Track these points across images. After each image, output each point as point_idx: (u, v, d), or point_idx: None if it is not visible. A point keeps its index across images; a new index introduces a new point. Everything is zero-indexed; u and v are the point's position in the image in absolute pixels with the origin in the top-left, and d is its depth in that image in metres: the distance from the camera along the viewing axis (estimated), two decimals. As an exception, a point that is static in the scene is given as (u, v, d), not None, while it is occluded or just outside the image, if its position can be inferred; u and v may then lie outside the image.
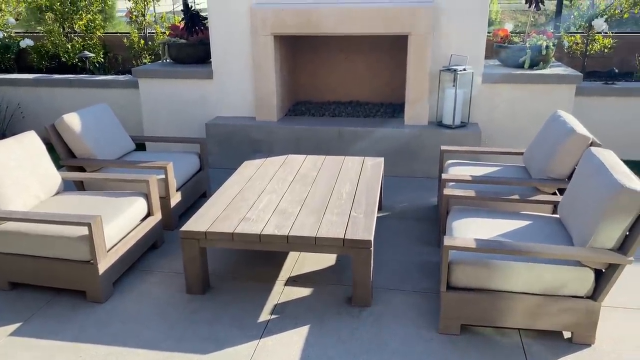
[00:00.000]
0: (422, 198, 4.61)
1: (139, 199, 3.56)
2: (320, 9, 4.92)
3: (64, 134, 3.99)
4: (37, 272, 3.15)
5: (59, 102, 6.34)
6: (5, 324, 2.93)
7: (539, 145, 3.75)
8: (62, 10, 7.02)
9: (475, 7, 4.89)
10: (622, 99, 5.32)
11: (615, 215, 2.47)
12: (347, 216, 3.20)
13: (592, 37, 6.07)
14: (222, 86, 5.51)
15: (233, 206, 3.37)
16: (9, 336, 2.82)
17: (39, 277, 3.16)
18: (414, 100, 5.09)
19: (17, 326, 2.91)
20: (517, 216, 3.15)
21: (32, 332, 2.85)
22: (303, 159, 4.31)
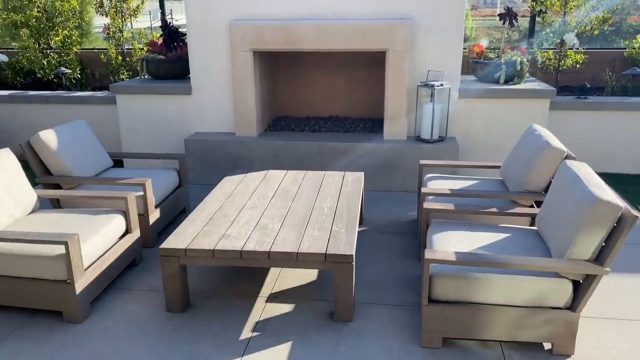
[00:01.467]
0: (401, 212, 4.64)
1: (117, 216, 3.51)
2: (299, 25, 4.96)
3: (40, 151, 3.92)
4: (11, 292, 3.07)
5: (35, 119, 6.24)
6: (-22, 347, 2.85)
7: (516, 158, 3.81)
8: (38, 26, 6.94)
9: (451, 24, 4.99)
10: (594, 112, 5.46)
11: (591, 226, 2.52)
12: (328, 231, 3.20)
13: (565, 53, 6.23)
14: (201, 102, 5.49)
15: (213, 222, 3.35)
16: (-19, 359, 2.74)
17: (13, 298, 3.08)
18: (392, 115, 5.15)
19: (-9, 349, 2.83)
20: (496, 229, 3.19)
21: (8, 355, 2.77)
22: (283, 175, 4.31)
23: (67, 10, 7.07)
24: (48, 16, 7.03)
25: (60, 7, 7.05)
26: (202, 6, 5.18)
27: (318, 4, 5.06)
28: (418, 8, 4.98)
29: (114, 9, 6.98)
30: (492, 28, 12.89)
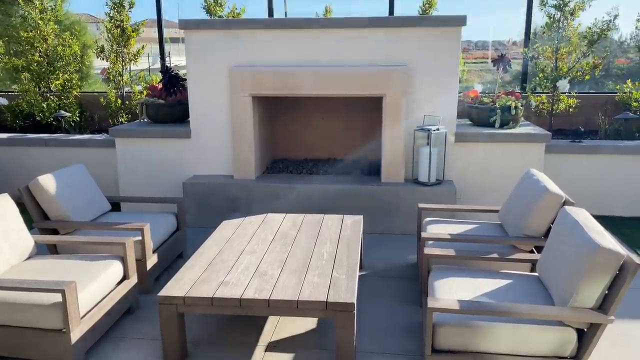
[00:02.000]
0: (401, 256, 4.61)
1: (115, 262, 3.47)
2: (297, 71, 5.05)
3: (38, 195, 3.91)
4: (3, 342, 3.00)
5: (34, 162, 6.25)
6: (-32, 400, 2.76)
7: (514, 203, 3.83)
8: (39, 70, 7.03)
9: (446, 70, 5.10)
10: (589, 156, 5.52)
11: (594, 274, 2.52)
12: (328, 277, 3.17)
13: (558, 97, 6.35)
14: (200, 145, 5.53)
15: (212, 268, 3.32)
16: (-29, 414, 2.65)
17: (5, 348, 3.01)
18: (390, 158, 5.19)
19: (-19, 402, 2.74)
20: (498, 275, 3.17)
21: (-3, 409, 2.69)
22: (282, 218, 4.30)
23: (68, 54, 7.17)
24: (49, 60, 7.13)
25: (62, 52, 7.16)
26: (203, 52, 5.28)
27: (315, 51, 5.17)
28: (414, 55, 5.09)
29: (114, 53, 7.10)
30: (484, 70, 13.16)
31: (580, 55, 6.25)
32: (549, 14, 6.27)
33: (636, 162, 5.48)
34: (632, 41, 8.35)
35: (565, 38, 6.21)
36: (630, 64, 8.61)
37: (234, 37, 5.22)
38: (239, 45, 5.23)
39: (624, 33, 7.22)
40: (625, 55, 8.87)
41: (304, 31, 5.15)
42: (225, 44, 5.25)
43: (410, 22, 5.06)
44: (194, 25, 5.26)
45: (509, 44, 6.61)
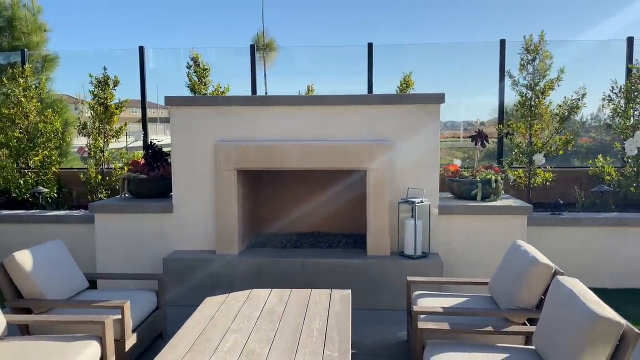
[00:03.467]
0: (390, 332, 4.48)
1: (92, 342, 3.28)
2: (282, 145, 5.12)
3: (13, 272, 3.73)
4: None
5: (8, 239, 6.03)
6: None
7: (503, 275, 3.80)
8: (19, 146, 6.98)
9: (427, 144, 5.24)
10: (569, 228, 5.60)
11: (595, 345, 2.46)
12: (320, 356, 3.03)
13: (534, 171, 6.53)
14: (182, 219, 5.44)
15: (195, 349, 3.14)
16: None
17: None
18: (375, 231, 5.17)
19: None
20: (494, 349, 3.08)
21: None
22: (268, 294, 4.17)
23: (49, 131, 7.16)
24: (30, 137, 7.10)
25: (43, 128, 7.15)
26: (188, 128, 5.34)
27: (299, 127, 5.27)
28: (395, 131, 5.23)
29: (96, 130, 7.12)
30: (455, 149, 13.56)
31: (552, 131, 6.50)
32: (521, 92, 6.58)
33: (615, 233, 5.57)
34: (592, 121, 8.79)
35: (538, 115, 6.49)
36: (593, 142, 8.99)
37: (218, 114, 5.31)
38: (223, 120, 5.31)
39: (585, 113, 7.62)
40: (587, 135, 9.25)
41: (288, 108, 5.27)
42: (210, 120, 5.32)
43: (391, 100, 5.24)
44: (180, 102, 5.35)
45: (477, 124, 6.91)
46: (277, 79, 9.78)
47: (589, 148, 8.83)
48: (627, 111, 6.54)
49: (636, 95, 6.51)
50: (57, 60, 10.02)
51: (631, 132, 6.41)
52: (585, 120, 8.81)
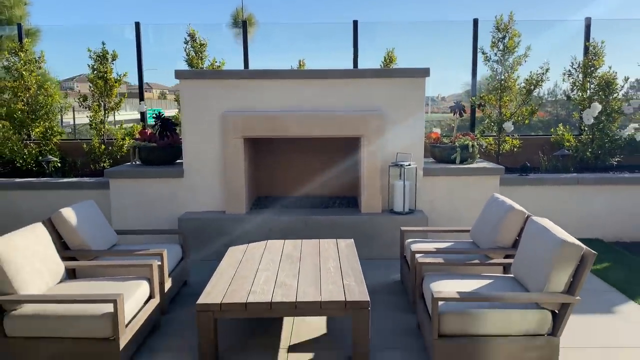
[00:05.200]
0: (385, 276, 5.18)
1: (144, 282, 3.83)
2: (284, 115, 5.68)
3: (60, 226, 4.22)
4: (54, 353, 3.27)
5: (20, 206, 6.42)
6: (28, 404, 3.01)
7: (484, 222, 4.53)
8: (23, 118, 7.28)
9: (414, 113, 5.89)
10: (535, 187, 6.40)
11: (562, 265, 3.19)
12: (341, 285, 3.68)
13: (503, 139, 7.30)
14: (192, 184, 5.97)
15: (236, 283, 3.75)
16: (35, 415, 2.91)
17: (57, 358, 3.27)
18: (368, 191, 5.83)
19: (40, 406, 2.99)
20: (480, 277, 3.80)
21: (59, 409, 2.96)
22: (282, 243, 4.79)
23: (50, 103, 7.47)
24: (31, 109, 7.40)
25: (44, 101, 7.45)
26: (197, 98, 5.82)
27: (300, 98, 5.84)
28: (386, 102, 5.86)
29: (96, 103, 7.47)
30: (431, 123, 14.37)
31: (520, 103, 7.27)
32: (492, 68, 7.30)
33: (574, 192, 6.41)
34: (549, 96, 9.63)
35: (507, 89, 7.22)
36: (549, 116, 9.85)
37: (225, 86, 5.81)
38: (229, 92, 5.82)
39: (542, 89, 8.37)
40: (544, 109, 10.09)
41: (290, 81, 5.82)
42: (217, 92, 5.82)
43: (382, 74, 5.85)
44: (189, 76, 5.82)
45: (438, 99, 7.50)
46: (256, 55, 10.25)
47: (545, 122, 9.67)
48: (584, 84, 7.34)
49: (592, 70, 7.32)
50: (38, 34, 10.17)
51: (588, 103, 7.22)
52: (542, 95, 9.62)
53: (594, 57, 7.33)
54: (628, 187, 6.41)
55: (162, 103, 26.18)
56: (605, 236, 6.45)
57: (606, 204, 6.42)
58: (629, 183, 6.40)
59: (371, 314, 4.24)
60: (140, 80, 7.89)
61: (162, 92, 29.13)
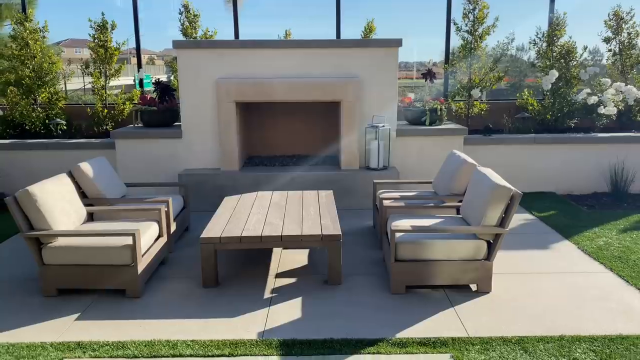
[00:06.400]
0: (360, 222, 5.97)
1: (154, 223, 4.58)
2: (272, 81, 6.34)
3: (79, 178, 4.92)
4: (83, 277, 4.03)
5: (34, 164, 7.09)
6: (68, 314, 3.79)
7: (443, 174, 5.30)
8: (31, 84, 7.87)
9: (388, 80, 6.58)
10: (496, 146, 7.17)
11: (495, 203, 3.96)
12: (319, 223, 4.45)
13: (472, 104, 8.03)
14: (190, 144, 6.66)
15: (232, 222, 4.51)
16: (75, 321, 3.69)
17: (85, 282, 4.04)
18: (347, 150, 6.57)
19: (78, 315, 3.77)
20: (435, 217, 4.59)
21: (93, 317, 3.74)
22: (271, 194, 5.54)
23: (54, 70, 8.06)
24: (37, 75, 7.98)
25: (48, 68, 8.03)
26: (193, 66, 6.46)
27: (286, 66, 6.49)
28: (363, 69, 6.53)
29: (97, 70, 8.06)
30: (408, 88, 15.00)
31: (487, 70, 7.96)
32: (464, 37, 7.95)
33: (530, 150, 7.18)
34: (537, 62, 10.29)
35: (476, 57, 7.90)
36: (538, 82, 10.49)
37: (219, 55, 6.45)
38: (222, 61, 6.46)
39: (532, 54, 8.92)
40: (534, 75, 10.73)
41: (277, 50, 6.47)
42: (211, 60, 6.46)
43: (360, 44, 6.51)
44: (186, 45, 6.45)
45: (430, 64, 8.07)
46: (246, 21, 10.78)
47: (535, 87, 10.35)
48: (547, 53, 8.04)
49: (555, 40, 8.00)
50: (35, 2, 10.61)
51: (549, 70, 7.93)
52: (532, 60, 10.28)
53: (556, 27, 8.00)
54: (579, 146, 7.20)
55: (151, 68, 26.49)
56: (558, 189, 7.27)
57: (560, 161, 7.22)
58: (580, 142, 7.18)
59: (344, 250, 5.04)
60: (137, 49, 8.46)
61: (150, 57, 29.39)
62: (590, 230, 5.55)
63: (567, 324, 3.58)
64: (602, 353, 3.21)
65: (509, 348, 3.28)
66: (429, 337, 3.41)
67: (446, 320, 3.65)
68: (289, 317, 3.72)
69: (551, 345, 3.30)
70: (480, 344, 3.32)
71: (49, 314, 3.80)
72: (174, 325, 3.61)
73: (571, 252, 4.97)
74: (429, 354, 3.23)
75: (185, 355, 3.23)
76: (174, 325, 3.61)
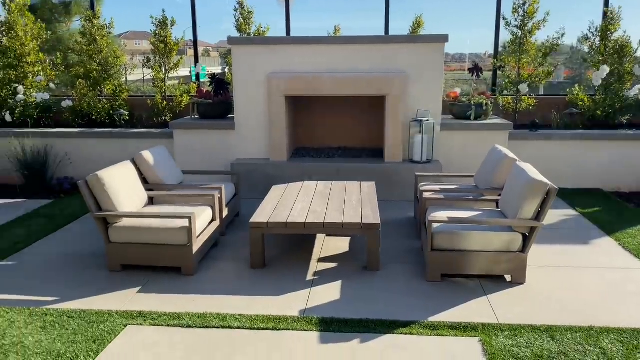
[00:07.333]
0: (402, 213, 6.17)
1: (208, 208, 4.96)
2: (320, 76, 6.61)
3: (141, 165, 5.36)
4: (144, 255, 4.45)
5: (100, 151, 7.67)
6: (131, 287, 4.21)
7: (484, 168, 5.42)
8: (98, 77, 8.47)
9: (434, 75, 6.71)
10: (543, 142, 7.16)
11: (531, 197, 4.08)
12: (359, 212, 4.70)
13: (520, 98, 8.01)
14: (242, 135, 7.04)
15: (279, 209, 4.82)
16: (136, 293, 4.11)
17: (146, 259, 4.46)
18: (391, 143, 6.76)
19: (139, 288, 4.19)
20: (473, 210, 4.74)
21: (152, 290, 4.15)
22: (316, 184, 5.83)
23: (119, 64, 8.63)
24: (104, 68, 8.57)
25: (113, 62, 8.61)
26: (246, 62, 6.81)
27: (334, 61, 6.74)
28: (409, 65, 6.69)
29: (158, 63, 8.57)
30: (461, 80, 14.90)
31: (537, 65, 7.92)
32: (513, 32, 7.94)
33: (577, 147, 7.14)
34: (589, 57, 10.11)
35: (525, 51, 7.88)
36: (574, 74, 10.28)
37: (271, 51, 6.77)
38: (273, 56, 6.78)
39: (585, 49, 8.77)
40: (569, 67, 10.53)
41: (326, 46, 6.72)
42: (264, 56, 6.79)
43: (406, 40, 6.67)
44: (240, 42, 6.80)
45: (485, 56, 8.06)
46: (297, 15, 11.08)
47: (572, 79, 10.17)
48: (600, 48, 7.91)
49: (608, 35, 7.86)
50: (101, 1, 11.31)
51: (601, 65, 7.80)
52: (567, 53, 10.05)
53: (610, 21, 7.85)
54: (629, 143, 7.09)
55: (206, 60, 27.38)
56: (605, 186, 7.20)
57: (608, 157, 7.14)
58: (630, 139, 7.07)
59: (385, 239, 5.27)
60: (195, 45, 8.92)
61: (205, 49, 30.38)
62: (634, 228, 5.52)
63: (598, 316, 3.69)
64: (629, 344, 3.31)
65: (537, 335, 3.43)
66: (459, 322, 3.60)
67: (478, 308, 3.82)
68: (329, 298, 4.00)
69: (579, 335, 3.43)
70: (509, 330, 3.49)
71: (114, 286, 4.24)
72: (224, 301, 3.96)
73: (612, 248, 5.00)
74: (459, 337, 3.42)
75: (234, 327, 3.57)
76: (224, 301, 3.96)
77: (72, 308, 3.85)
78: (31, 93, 8.33)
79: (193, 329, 3.56)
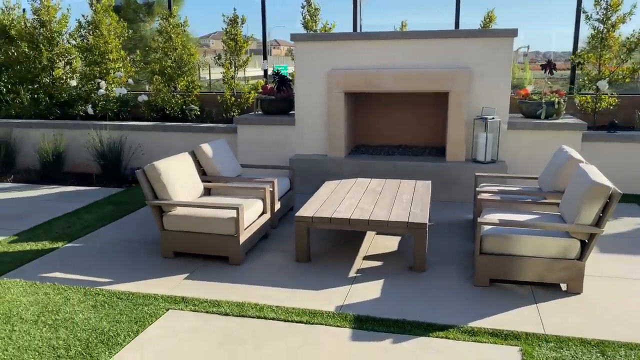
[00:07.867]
0: (461, 215, 5.95)
1: (259, 201, 5.05)
2: (380, 72, 6.52)
3: (200, 157, 5.56)
4: (194, 243, 4.61)
5: (170, 143, 8.05)
6: (180, 273, 4.38)
7: (549, 169, 5.09)
8: (172, 73, 8.89)
9: (501, 72, 6.40)
10: (622, 144, 6.62)
11: (590, 201, 3.79)
12: (408, 211, 4.59)
13: (600, 97, 7.46)
14: (301, 130, 7.10)
15: (326, 204, 4.81)
16: (183, 279, 4.26)
17: (196, 247, 4.62)
18: (453, 142, 6.53)
19: (187, 275, 4.35)
20: (531, 213, 4.48)
21: (199, 278, 4.28)
22: (369, 180, 5.76)
23: (192, 61, 8.99)
24: (178, 65, 8.97)
25: (187, 60, 8.99)
26: (307, 58, 6.86)
27: (394, 56, 6.62)
28: (473, 60, 6.43)
29: (228, 61, 8.84)
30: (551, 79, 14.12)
31: (620, 61, 7.34)
32: (594, 26, 7.40)
33: (664, 149, 6.54)
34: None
35: (607, 47, 7.32)
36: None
37: (332, 47, 6.77)
38: (334, 52, 6.77)
39: None
40: None
41: (386, 42, 6.61)
42: (325, 52, 6.80)
43: (471, 34, 6.42)
44: (303, 38, 6.86)
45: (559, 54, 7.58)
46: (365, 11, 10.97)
47: None
48: (695, 42, 7.18)
49: None
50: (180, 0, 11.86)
51: (696, 61, 7.09)
52: None
53: None
54: None
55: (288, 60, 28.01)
56: (694, 194, 6.54)
57: (699, 163, 6.48)
58: None
59: (437, 241, 5.10)
60: (264, 42, 9.11)
61: (289, 48, 31.07)
62: None
63: (660, 334, 3.36)
64: (692, 367, 2.99)
65: (585, 349, 3.17)
66: (501, 329, 3.41)
67: (524, 316, 3.60)
68: (368, 295, 3.93)
69: (634, 353, 3.13)
70: (555, 342, 3.26)
71: (164, 272, 4.43)
72: (264, 292, 4.01)
73: (691, 262, 4.54)
74: (498, 345, 3.25)
75: (269, 318, 3.61)
76: (265, 292, 4.01)
77: (123, 290, 4.07)
78: (112, 88, 8.89)
79: (230, 317, 3.64)
